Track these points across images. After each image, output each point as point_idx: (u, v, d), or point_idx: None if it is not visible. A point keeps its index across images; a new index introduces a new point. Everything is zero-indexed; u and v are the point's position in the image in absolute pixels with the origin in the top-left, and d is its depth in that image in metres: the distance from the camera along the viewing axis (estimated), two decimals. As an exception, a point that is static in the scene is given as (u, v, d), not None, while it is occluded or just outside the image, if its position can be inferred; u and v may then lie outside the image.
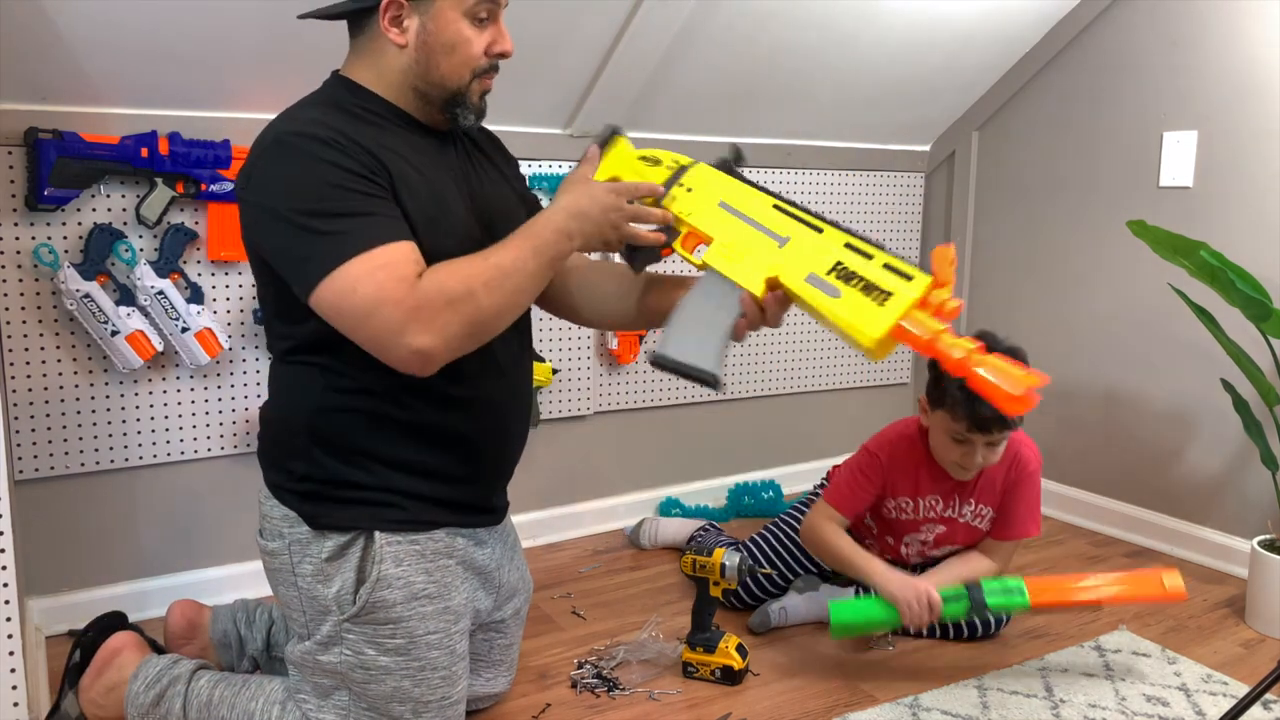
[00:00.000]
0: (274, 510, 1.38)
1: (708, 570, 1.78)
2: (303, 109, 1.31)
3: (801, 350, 2.80)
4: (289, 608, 1.41)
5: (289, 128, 1.24)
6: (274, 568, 1.40)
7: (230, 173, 1.91)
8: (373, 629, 1.34)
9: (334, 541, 1.34)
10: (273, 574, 1.41)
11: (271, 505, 1.39)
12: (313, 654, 1.37)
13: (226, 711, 1.42)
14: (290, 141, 1.22)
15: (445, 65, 1.31)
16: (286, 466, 1.37)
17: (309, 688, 1.41)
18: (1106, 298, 2.55)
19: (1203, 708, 1.71)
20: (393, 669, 1.35)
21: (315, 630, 1.37)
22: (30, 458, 1.87)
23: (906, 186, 2.92)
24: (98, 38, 1.68)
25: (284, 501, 1.37)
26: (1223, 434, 2.30)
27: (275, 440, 1.39)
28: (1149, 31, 2.40)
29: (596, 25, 2.03)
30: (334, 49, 1.87)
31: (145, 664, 1.51)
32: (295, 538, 1.36)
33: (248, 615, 1.71)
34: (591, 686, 1.74)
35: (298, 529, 1.35)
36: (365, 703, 1.37)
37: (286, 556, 1.36)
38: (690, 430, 2.65)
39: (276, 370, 1.40)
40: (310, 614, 1.37)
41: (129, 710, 1.47)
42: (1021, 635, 1.99)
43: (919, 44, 2.43)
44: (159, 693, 1.46)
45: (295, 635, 1.43)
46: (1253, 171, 2.22)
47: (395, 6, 1.28)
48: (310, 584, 1.35)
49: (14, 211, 1.80)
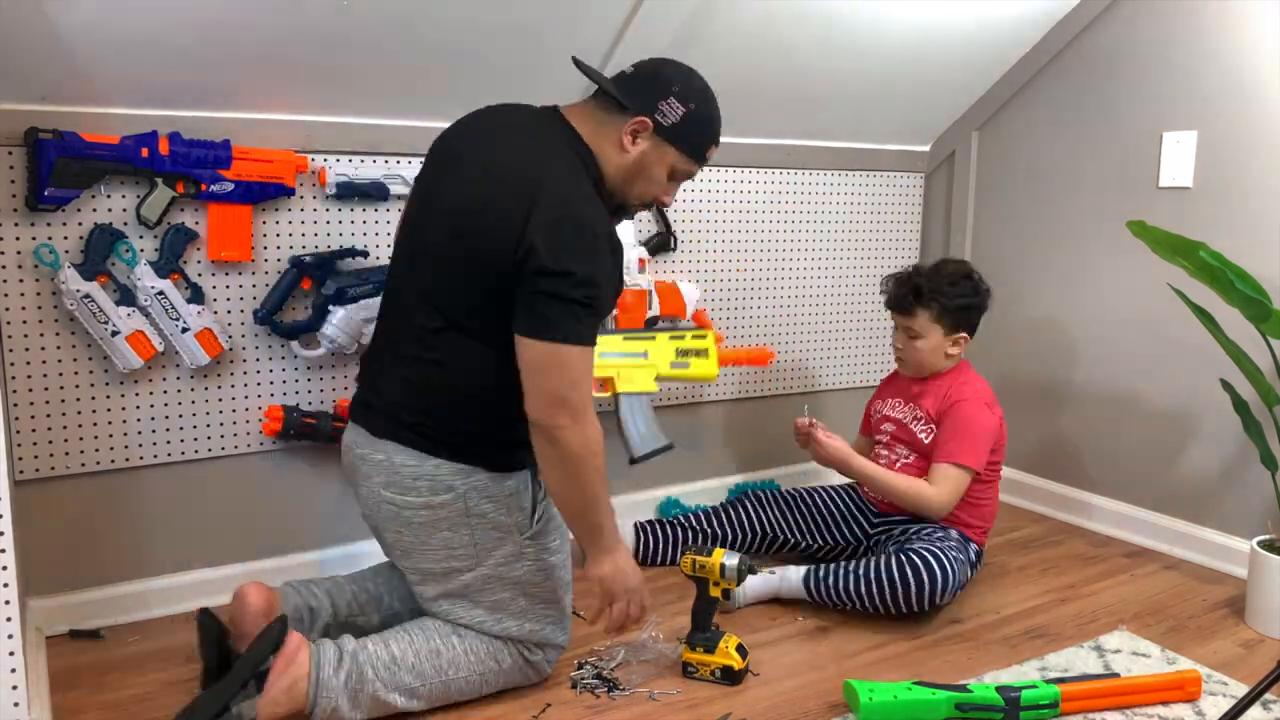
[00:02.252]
0: (437, 468, 1.59)
1: (708, 570, 1.78)
2: (583, 185, 1.59)
3: (800, 351, 2.80)
4: (449, 549, 1.62)
5: (591, 211, 1.56)
6: (437, 518, 1.61)
7: (230, 173, 1.91)
8: (545, 539, 1.69)
9: (511, 481, 1.64)
10: (432, 524, 1.61)
11: (433, 465, 1.59)
12: (489, 578, 1.64)
13: (414, 659, 1.60)
14: (593, 227, 1.53)
15: (639, 187, 1.67)
16: (463, 428, 1.60)
17: (476, 612, 1.65)
18: (1106, 298, 2.55)
19: (1202, 708, 1.71)
20: (557, 565, 1.71)
21: (490, 555, 1.63)
22: (30, 458, 1.88)
23: (906, 186, 2.92)
24: (98, 38, 1.68)
25: (455, 458, 1.60)
26: (1222, 434, 2.30)
27: (459, 408, 1.60)
28: (1149, 31, 2.40)
29: (597, 25, 2.03)
30: (334, 48, 1.87)
31: (319, 651, 1.55)
32: (472, 485, 1.61)
33: (307, 590, 1.74)
34: (591, 687, 1.75)
35: (473, 477, 1.61)
36: (542, 600, 1.69)
37: (460, 504, 1.60)
38: (691, 431, 2.65)
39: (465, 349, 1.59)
40: (485, 545, 1.63)
41: (322, 696, 1.53)
42: (1021, 635, 1.99)
43: (919, 44, 2.43)
44: (349, 669, 1.55)
45: (447, 574, 1.63)
46: (1253, 171, 2.22)
47: (645, 131, 1.62)
48: (493, 518, 1.63)
49: (14, 211, 1.80)
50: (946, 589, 1.96)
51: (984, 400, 2.18)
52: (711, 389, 2.64)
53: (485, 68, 2.04)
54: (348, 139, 2.06)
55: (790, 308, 2.76)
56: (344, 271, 2.07)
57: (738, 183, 2.59)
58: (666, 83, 1.63)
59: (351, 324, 2.05)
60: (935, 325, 2.18)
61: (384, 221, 2.13)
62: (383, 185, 2.09)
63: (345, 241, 2.10)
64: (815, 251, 2.76)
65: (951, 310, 2.17)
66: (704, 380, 2.25)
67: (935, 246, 2.95)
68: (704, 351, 2.21)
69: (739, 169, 2.58)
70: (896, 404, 2.28)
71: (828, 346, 2.85)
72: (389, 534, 1.67)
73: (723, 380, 2.66)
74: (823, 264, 2.79)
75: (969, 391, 2.18)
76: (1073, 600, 2.16)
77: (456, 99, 2.10)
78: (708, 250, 2.57)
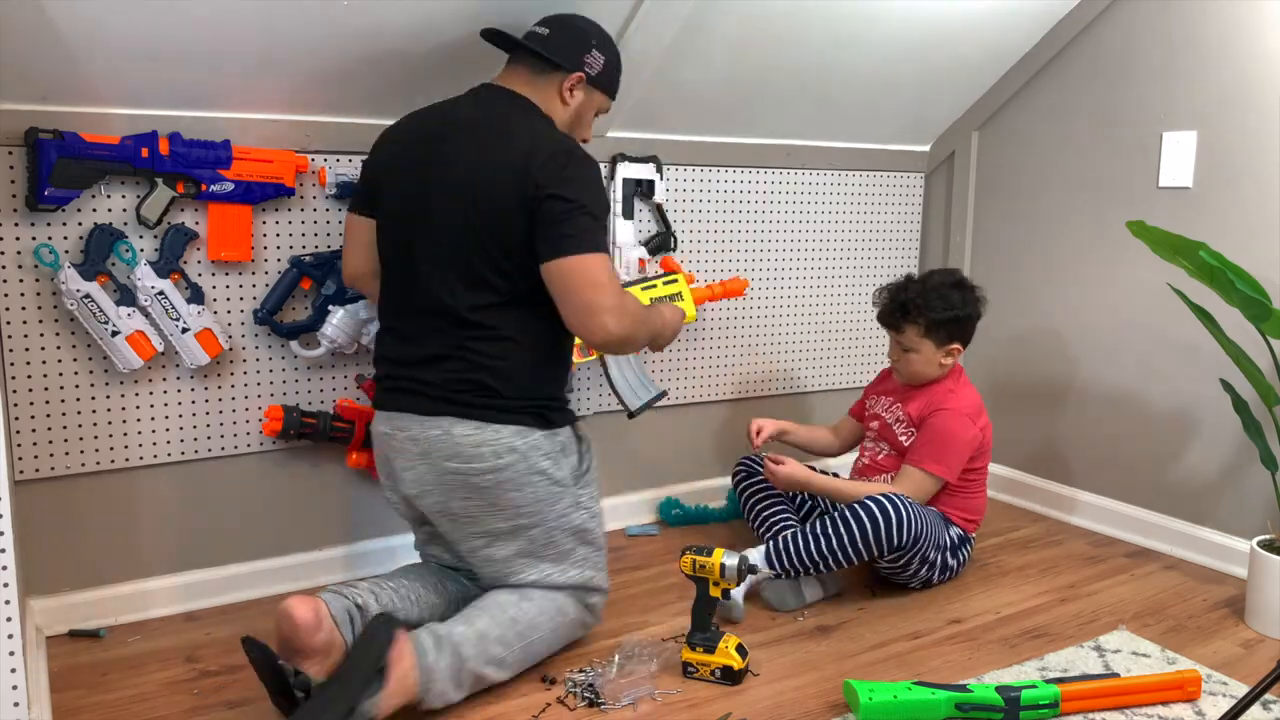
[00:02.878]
0: (498, 433, 1.70)
1: (708, 570, 1.78)
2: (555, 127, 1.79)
3: (798, 351, 2.80)
4: (516, 508, 1.72)
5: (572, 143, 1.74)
6: (503, 479, 1.70)
7: (230, 173, 1.91)
8: (591, 487, 1.84)
9: (560, 436, 1.77)
10: (498, 486, 1.71)
11: (493, 430, 1.69)
12: (553, 529, 1.76)
13: (497, 630, 1.68)
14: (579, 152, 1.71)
15: (578, 132, 1.88)
16: (521, 393, 1.72)
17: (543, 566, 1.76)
18: (1106, 298, 2.55)
19: (1202, 708, 1.71)
20: (600, 510, 1.85)
21: (552, 509, 1.75)
22: (30, 458, 1.88)
23: (906, 186, 2.92)
24: (98, 38, 1.68)
25: (498, 420, 1.70)
26: (1222, 434, 2.30)
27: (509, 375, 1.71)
28: (1149, 31, 2.40)
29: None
30: (332, 50, 1.87)
31: (418, 641, 1.59)
32: (530, 444, 1.72)
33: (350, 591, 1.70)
34: (579, 693, 1.72)
35: (530, 436, 1.72)
36: (595, 545, 1.83)
37: (522, 464, 1.71)
38: (690, 431, 2.66)
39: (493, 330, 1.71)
40: (547, 499, 1.74)
41: (431, 683, 1.58)
42: (1021, 635, 1.99)
43: (919, 44, 2.43)
44: (448, 653, 1.61)
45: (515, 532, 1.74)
46: (1253, 171, 2.22)
47: (579, 84, 1.83)
48: (551, 472, 1.74)
49: (14, 211, 1.80)
50: (903, 528, 1.99)
51: (966, 412, 2.20)
52: (708, 389, 2.65)
53: (485, 67, 2.04)
54: (348, 139, 2.06)
55: (790, 307, 2.76)
56: (344, 271, 2.07)
57: (738, 182, 2.59)
58: (585, 36, 1.83)
59: (351, 324, 2.06)
60: (925, 340, 2.20)
61: (384, 221, 2.13)
62: (383, 185, 2.09)
63: (345, 241, 2.10)
64: (815, 251, 2.76)
65: (941, 323, 2.18)
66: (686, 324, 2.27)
67: (935, 246, 2.96)
68: (678, 295, 2.27)
69: (739, 169, 2.58)
70: (885, 403, 2.32)
71: (828, 346, 2.85)
72: (456, 503, 1.73)
73: (721, 381, 2.67)
74: (822, 264, 2.79)
75: (953, 401, 2.20)
76: (1073, 600, 2.16)
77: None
78: (708, 250, 2.57)
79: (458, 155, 1.72)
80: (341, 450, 2.14)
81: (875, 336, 2.92)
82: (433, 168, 1.73)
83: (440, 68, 2.00)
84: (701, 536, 2.48)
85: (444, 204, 1.71)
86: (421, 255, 1.73)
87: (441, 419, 1.70)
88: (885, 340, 2.93)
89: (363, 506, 2.22)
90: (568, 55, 1.80)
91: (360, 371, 2.16)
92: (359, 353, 2.13)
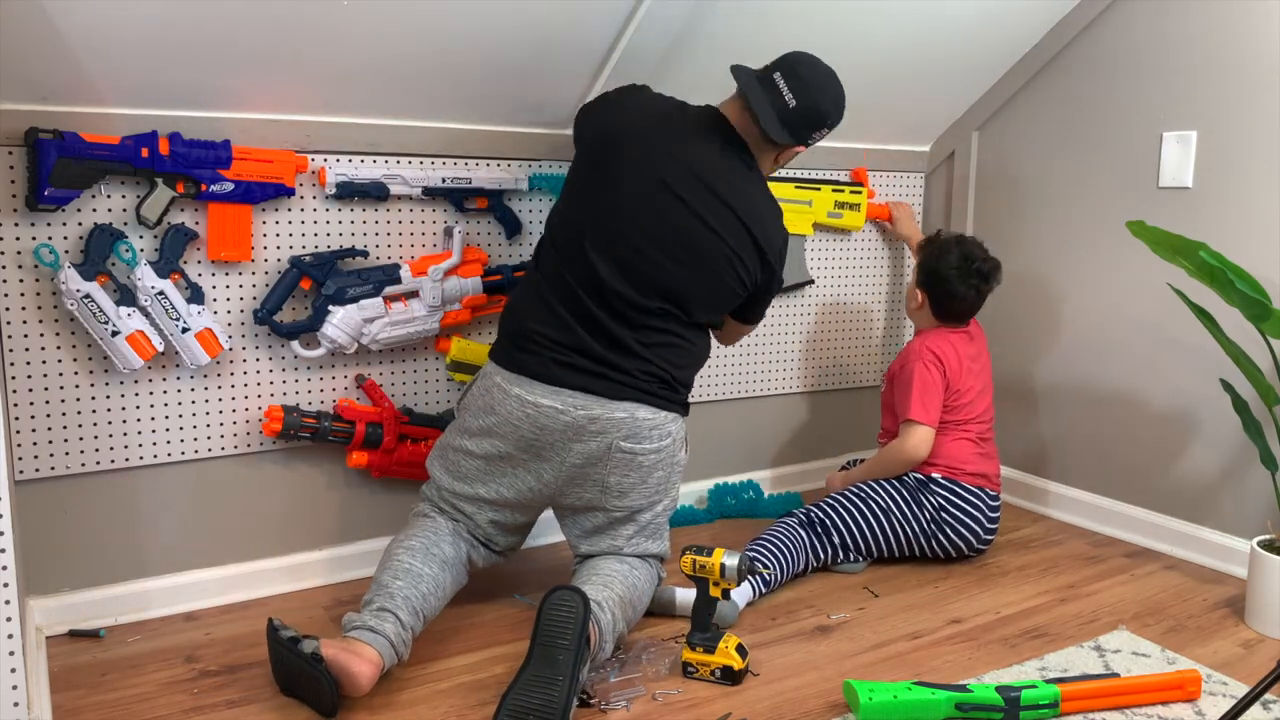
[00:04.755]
0: (667, 420, 1.90)
1: (708, 570, 1.78)
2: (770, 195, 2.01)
3: (798, 351, 2.80)
4: (658, 486, 1.94)
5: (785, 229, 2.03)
6: (659, 460, 1.91)
7: (230, 173, 1.91)
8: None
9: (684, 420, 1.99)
10: (654, 465, 1.90)
11: (662, 417, 1.89)
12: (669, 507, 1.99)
13: (624, 592, 1.84)
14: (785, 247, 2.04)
15: None
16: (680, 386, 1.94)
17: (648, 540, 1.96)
18: (1106, 298, 2.55)
19: (1202, 708, 1.71)
20: None
21: (673, 489, 1.99)
22: (30, 458, 1.88)
23: (906, 186, 2.92)
24: (98, 38, 1.68)
25: (668, 409, 1.91)
26: (1222, 434, 2.30)
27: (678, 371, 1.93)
28: (1149, 31, 2.40)
29: (597, 25, 2.03)
30: (331, 49, 1.87)
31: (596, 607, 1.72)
32: (680, 429, 1.96)
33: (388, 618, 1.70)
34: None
35: (678, 424, 1.94)
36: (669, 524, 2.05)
37: (673, 445, 1.93)
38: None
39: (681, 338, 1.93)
40: (674, 481, 1.98)
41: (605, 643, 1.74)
42: (1021, 635, 1.99)
43: (919, 44, 2.43)
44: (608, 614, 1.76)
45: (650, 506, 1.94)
46: (1253, 171, 2.22)
47: (796, 154, 2.02)
48: (680, 457, 1.98)
49: (14, 211, 1.80)
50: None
51: (924, 359, 2.32)
52: (696, 391, 2.64)
53: (486, 67, 2.04)
54: (348, 139, 2.06)
55: (789, 307, 2.76)
56: (344, 271, 2.07)
57: (738, 183, 2.59)
58: (824, 117, 1.91)
59: (351, 324, 2.05)
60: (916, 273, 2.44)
61: (384, 221, 2.13)
62: (383, 185, 2.09)
63: (345, 241, 2.10)
64: (814, 251, 2.76)
65: (920, 266, 2.41)
66: (851, 229, 2.75)
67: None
68: (857, 205, 2.68)
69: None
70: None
71: (828, 346, 2.85)
72: (614, 478, 1.88)
73: (709, 381, 2.67)
74: (822, 264, 2.78)
75: (913, 351, 2.37)
76: (1073, 600, 2.16)
77: (457, 99, 2.11)
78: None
79: (711, 196, 1.87)
80: (341, 450, 2.14)
81: (875, 336, 2.92)
82: (682, 191, 1.86)
83: (441, 67, 2.00)
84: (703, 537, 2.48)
85: (689, 233, 1.86)
86: (630, 250, 1.85)
87: (627, 403, 1.85)
88: (883, 340, 2.94)
89: (362, 506, 2.21)
90: (800, 133, 1.91)
91: (360, 371, 2.16)
92: (359, 353, 2.13)
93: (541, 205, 2.32)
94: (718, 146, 1.91)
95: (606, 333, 1.85)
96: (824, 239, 2.77)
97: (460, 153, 2.18)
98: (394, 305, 2.10)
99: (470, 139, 2.19)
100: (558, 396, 1.83)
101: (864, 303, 2.89)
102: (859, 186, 2.70)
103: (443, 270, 2.15)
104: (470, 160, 2.20)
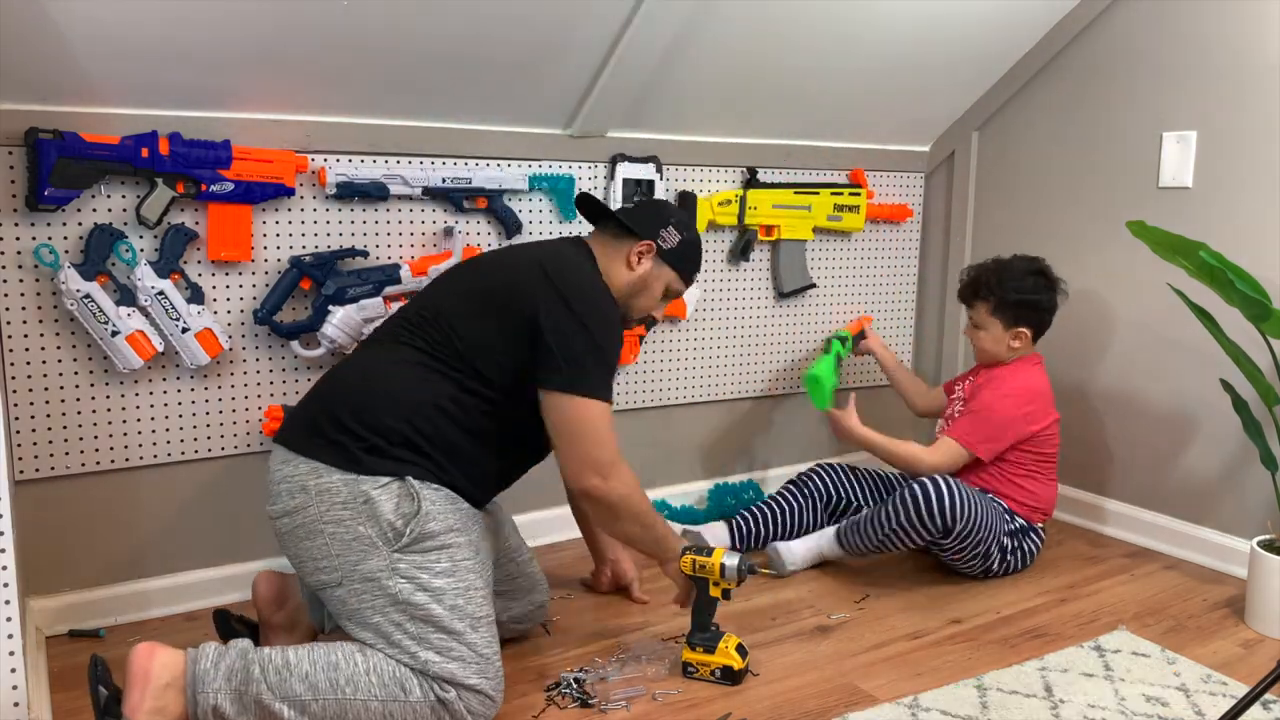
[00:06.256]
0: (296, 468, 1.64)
1: (708, 570, 1.78)
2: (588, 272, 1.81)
3: (798, 351, 2.80)
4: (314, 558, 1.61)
5: (597, 283, 1.79)
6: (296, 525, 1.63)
7: (230, 173, 1.91)
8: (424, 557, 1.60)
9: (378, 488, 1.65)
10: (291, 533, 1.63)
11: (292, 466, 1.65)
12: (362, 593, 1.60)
13: (308, 668, 1.49)
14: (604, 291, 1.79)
15: (640, 301, 1.91)
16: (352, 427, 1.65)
17: (366, 633, 1.56)
18: (1106, 298, 2.55)
19: (1202, 708, 1.71)
20: (447, 590, 1.58)
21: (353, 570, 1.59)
22: (30, 458, 1.88)
23: (906, 186, 2.92)
24: (98, 38, 1.68)
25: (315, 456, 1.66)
26: (1222, 434, 2.30)
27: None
28: (1148, 32, 2.40)
29: (597, 25, 2.03)
30: (333, 48, 1.87)
31: (198, 652, 1.49)
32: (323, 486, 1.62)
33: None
34: (572, 694, 1.72)
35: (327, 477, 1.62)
36: (432, 626, 1.55)
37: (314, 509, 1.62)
38: (674, 432, 2.65)
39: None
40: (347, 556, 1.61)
41: (202, 693, 1.45)
42: (1021, 635, 1.99)
43: (919, 44, 2.43)
44: (230, 664, 1.48)
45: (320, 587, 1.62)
46: (1253, 171, 2.22)
47: (649, 253, 1.87)
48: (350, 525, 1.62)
49: (14, 211, 1.80)
50: (955, 503, 2.05)
51: (1013, 393, 2.25)
52: (690, 392, 2.64)
53: (485, 67, 2.04)
54: (348, 139, 2.06)
55: (792, 310, 2.76)
56: (344, 271, 2.07)
57: (737, 183, 2.58)
58: (666, 215, 1.90)
59: (351, 324, 2.05)
60: (994, 319, 2.29)
61: (384, 221, 2.13)
62: (382, 185, 2.09)
63: (345, 241, 2.10)
64: (814, 251, 2.76)
65: (1009, 304, 2.27)
66: (852, 231, 2.76)
67: (935, 247, 2.95)
68: (856, 208, 2.70)
69: (739, 169, 2.58)
70: (960, 387, 2.44)
71: (807, 352, 2.84)
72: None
73: (702, 383, 2.67)
74: (822, 264, 2.78)
75: (1005, 384, 2.28)
76: (1073, 600, 2.16)
77: (456, 99, 2.11)
78: (707, 249, 2.56)
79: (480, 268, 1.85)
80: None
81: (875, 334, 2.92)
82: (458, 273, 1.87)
83: (441, 68, 2.00)
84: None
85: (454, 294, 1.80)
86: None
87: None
88: (888, 339, 2.94)
89: (363, 506, 2.21)
90: (644, 225, 1.87)
91: (360, 371, 2.16)
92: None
93: (542, 205, 2.32)
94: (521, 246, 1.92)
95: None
96: (824, 242, 2.77)
97: (460, 153, 2.18)
98: (394, 305, 2.10)
99: (470, 139, 2.19)
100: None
101: (866, 304, 2.88)
102: (858, 188, 2.71)
103: (443, 270, 2.15)
104: (470, 160, 2.20)
